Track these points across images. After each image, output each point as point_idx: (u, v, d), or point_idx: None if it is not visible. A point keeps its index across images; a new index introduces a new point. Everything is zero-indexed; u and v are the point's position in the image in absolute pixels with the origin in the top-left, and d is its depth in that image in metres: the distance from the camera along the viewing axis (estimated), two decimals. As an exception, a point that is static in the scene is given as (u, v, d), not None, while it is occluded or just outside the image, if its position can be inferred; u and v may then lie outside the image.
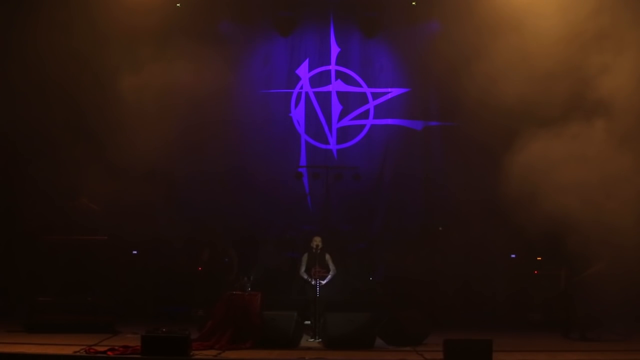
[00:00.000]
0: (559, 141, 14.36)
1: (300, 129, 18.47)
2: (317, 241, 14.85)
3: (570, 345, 13.67)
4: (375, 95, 18.54)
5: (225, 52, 17.46)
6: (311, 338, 14.19)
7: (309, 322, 14.79)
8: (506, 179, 14.53)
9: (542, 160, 14.33)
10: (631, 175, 13.66)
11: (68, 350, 12.11)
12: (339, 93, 18.55)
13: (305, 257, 15.01)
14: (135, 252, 17.01)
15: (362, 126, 18.51)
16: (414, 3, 18.03)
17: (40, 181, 16.06)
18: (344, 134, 18.51)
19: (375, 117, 18.49)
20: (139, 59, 15.87)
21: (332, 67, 18.57)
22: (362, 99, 18.56)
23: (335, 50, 18.59)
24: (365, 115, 18.50)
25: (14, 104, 15.76)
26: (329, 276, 14.84)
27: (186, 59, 16.31)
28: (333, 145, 18.46)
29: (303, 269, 14.92)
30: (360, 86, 18.54)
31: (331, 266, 14.90)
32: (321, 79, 18.63)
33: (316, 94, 18.55)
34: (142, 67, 15.72)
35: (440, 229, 16.93)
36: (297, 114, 18.52)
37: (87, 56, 15.80)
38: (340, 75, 18.57)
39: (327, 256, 14.92)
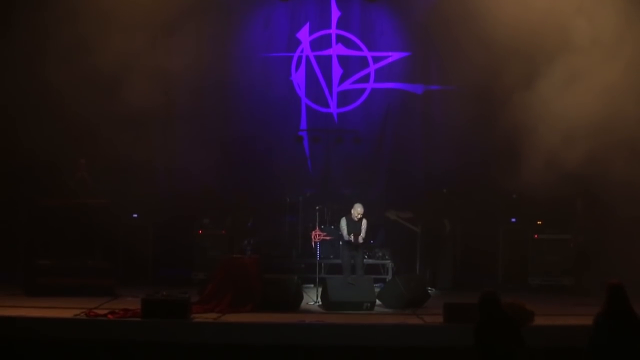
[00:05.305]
0: (558, 93, 14.38)
1: (301, 92, 18.38)
2: (358, 211, 14.51)
3: (569, 310, 13.65)
4: (376, 59, 18.41)
5: (225, 16, 17.38)
6: (312, 301, 14.24)
7: (312, 285, 14.84)
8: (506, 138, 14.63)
9: (544, 114, 14.35)
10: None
11: (68, 314, 12.20)
12: (339, 57, 18.40)
13: (343, 223, 14.62)
14: (135, 215, 16.96)
15: (363, 90, 18.40)
16: (414, -34, 17.88)
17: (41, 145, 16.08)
18: (345, 97, 18.41)
19: (375, 81, 18.38)
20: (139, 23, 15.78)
21: (333, 30, 18.42)
22: (363, 62, 18.44)
23: (335, 13, 18.43)
24: (365, 79, 18.40)
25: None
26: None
27: (186, 23, 16.23)
28: (333, 108, 18.38)
29: (346, 232, 14.51)
30: (361, 50, 18.40)
31: (363, 233, 14.54)
32: (322, 43, 18.48)
33: (317, 57, 18.42)
34: (145, 30, 15.64)
35: (445, 190, 16.91)
36: (298, 78, 18.41)
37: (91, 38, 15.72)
38: (340, 39, 18.44)
39: (364, 222, 14.59)
